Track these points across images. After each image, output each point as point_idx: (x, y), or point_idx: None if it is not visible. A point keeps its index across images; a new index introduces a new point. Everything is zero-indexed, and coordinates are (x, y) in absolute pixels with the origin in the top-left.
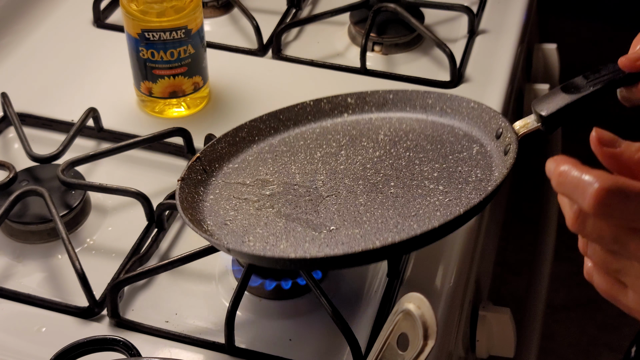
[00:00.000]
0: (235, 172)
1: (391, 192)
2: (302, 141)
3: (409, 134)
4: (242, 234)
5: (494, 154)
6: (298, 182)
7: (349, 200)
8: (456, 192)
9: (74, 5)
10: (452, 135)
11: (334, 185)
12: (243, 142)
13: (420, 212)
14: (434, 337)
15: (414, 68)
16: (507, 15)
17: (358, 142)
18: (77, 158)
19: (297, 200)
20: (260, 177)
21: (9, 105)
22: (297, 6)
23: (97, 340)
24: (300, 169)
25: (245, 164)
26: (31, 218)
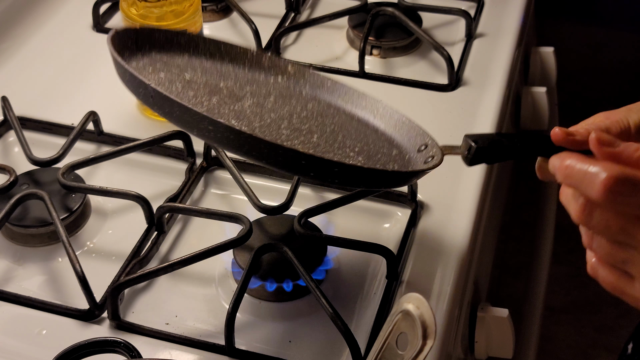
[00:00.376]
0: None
1: (313, 140)
2: (232, 77)
3: (335, 116)
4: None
5: (414, 161)
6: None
7: (272, 127)
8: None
9: (74, 9)
10: (375, 135)
11: (260, 111)
12: (178, 46)
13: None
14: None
15: (412, 71)
16: (504, 18)
17: (287, 101)
18: (78, 161)
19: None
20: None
21: (9, 109)
22: (296, 10)
23: (98, 342)
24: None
25: (173, 61)
26: (31, 221)
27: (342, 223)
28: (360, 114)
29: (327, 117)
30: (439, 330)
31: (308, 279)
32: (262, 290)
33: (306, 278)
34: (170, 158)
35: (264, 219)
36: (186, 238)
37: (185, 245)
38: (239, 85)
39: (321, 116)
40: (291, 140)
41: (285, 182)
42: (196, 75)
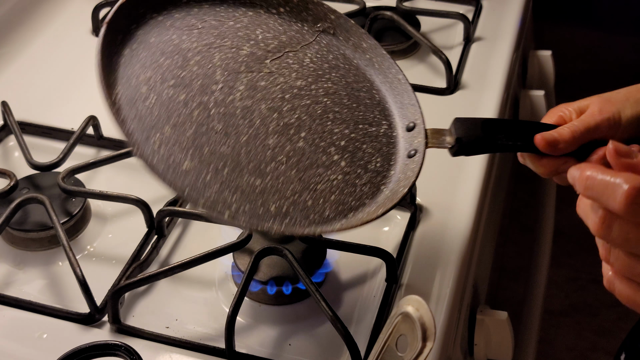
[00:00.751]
0: (158, 28)
1: (299, 146)
2: (232, 21)
3: (332, 70)
4: (150, 127)
5: (399, 147)
6: (217, 80)
7: (259, 136)
8: (354, 176)
9: (73, 14)
10: (369, 97)
11: (251, 106)
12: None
13: (318, 188)
14: (433, 339)
15: (410, 75)
16: (502, 22)
17: (284, 55)
18: (78, 166)
19: (212, 107)
20: (182, 51)
21: (9, 113)
22: None
23: (99, 346)
24: (223, 63)
25: (170, 21)
26: (32, 225)
27: None
28: (357, 60)
29: (322, 79)
30: (439, 332)
31: (308, 282)
32: (262, 294)
33: (306, 281)
34: None
35: None
36: (186, 242)
37: (185, 249)
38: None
39: (316, 82)
40: (276, 161)
41: None
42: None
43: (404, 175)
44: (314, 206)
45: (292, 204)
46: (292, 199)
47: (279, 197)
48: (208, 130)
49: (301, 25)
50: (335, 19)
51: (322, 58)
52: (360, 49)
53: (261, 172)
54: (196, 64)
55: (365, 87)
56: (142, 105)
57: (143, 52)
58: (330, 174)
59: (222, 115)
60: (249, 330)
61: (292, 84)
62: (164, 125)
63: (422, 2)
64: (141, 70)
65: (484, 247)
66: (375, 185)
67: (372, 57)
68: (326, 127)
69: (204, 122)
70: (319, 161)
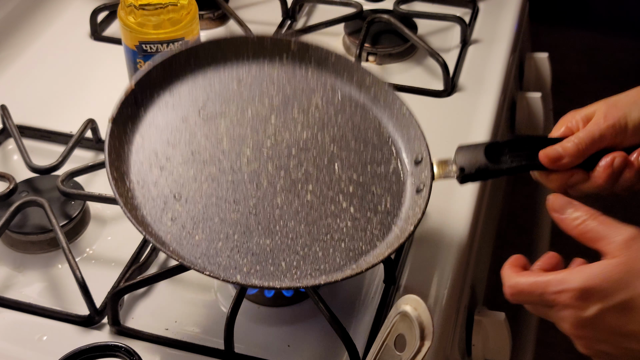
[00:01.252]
0: (165, 109)
1: (307, 200)
2: (235, 83)
3: (338, 114)
4: (162, 206)
5: (408, 183)
6: (224, 150)
7: (267, 197)
8: (364, 221)
9: (71, 18)
10: (376, 135)
11: (258, 168)
12: (180, 67)
13: (327, 238)
14: (431, 338)
15: (407, 77)
16: (499, 25)
17: (290, 108)
18: (77, 169)
19: (220, 177)
20: (189, 127)
21: (8, 117)
22: (292, 17)
23: (99, 347)
24: (229, 130)
25: (177, 99)
26: (31, 228)
27: None
28: (363, 99)
29: (328, 126)
30: (436, 333)
31: None
32: (260, 296)
33: None
34: None
35: None
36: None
37: None
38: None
39: (322, 130)
40: (284, 219)
41: None
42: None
43: (413, 212)
44: (325, 256)
45: (303, 257)
46: (302, 252)
47: (289, 253)
48: (218, 200)
49: (305, 71)
50: (336, 59)
51: (327, 102)
52: (364, 86)
53: (271, 232)
54: (203, 136)
55: (373, 125)
56: (154, 189)
57: (153, 135)
58: (339, 222)
59: (230, 183)
60: (247, 332)
61: (297, 137)
62: (175, 204)
63: (419, 5)
64: (152, 154)
65: (481, 248)
66: (386, 226)
67: (376, 93)
68: (333, 176)
69: (213, 193)
70: (327, 211)
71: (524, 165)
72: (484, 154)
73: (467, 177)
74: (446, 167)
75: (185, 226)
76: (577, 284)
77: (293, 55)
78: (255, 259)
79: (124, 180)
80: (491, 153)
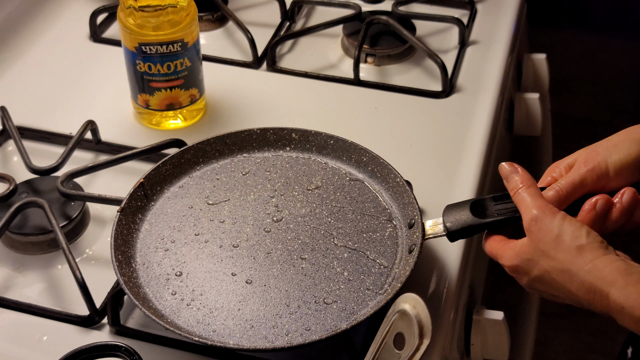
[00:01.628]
0: (173, 199)
1: (302, 267)
2: (242, 172)
3: (337, 191)
4: (164, 282)
5: (401, 245)
6: (226, 229)
7: (264, 267)
8: (357, 282)
9: (71, 20)
10: (373, 206)
11: (256, 244)
12: (188, 163)
13: (320, 301)
14: (429, 336)
15: (406, 78)
16: (497, 26)
17: (290, 190)
18: (76, 170)
19: (220, 253)
20: (195, 213)
21: (8, 119)
22: (291, 19)
23: (100, 347)
24: (232, 212)
25: (185, 190)
26: (31, 229)
27: None
28: (362, 175)
29: (326, 201)
30: (435, 332)
31: None
32: None
33: None
34: None
35: None
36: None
37: None
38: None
39: (320, 206)
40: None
41: None
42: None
43: (403, 270)
44: (316, 318)
45: (295, 320)
46: (294, 316)
47: (281, 317)
48: (216, 274)
49: (307, 157)
50: (335, 142)
51: (327, 182)
52: (362, 164)
53: (265, 299)
54: (207, 219)
55: (370, 197)
56: (158, 268)
57: (161, 222)
58: (332, 286)
59: (229, 258)
60: None
61: (296, 213)
62: (175, 280)
63: (418, 7)
64: (158, 239)
65: (479, 248)
66: (378, 286)
67: (373, 168)
68: (329, 245)
69: (212, 268)
70: (321, 277)
71: (509, 218)
72: (470, 211)
73: (454, 234)
74: (436, 227)
75: (184, 299)
76: (507, 262)
77: (295, 143)
78: (248, 325)
79: (129, 263)
80: (477, 210)
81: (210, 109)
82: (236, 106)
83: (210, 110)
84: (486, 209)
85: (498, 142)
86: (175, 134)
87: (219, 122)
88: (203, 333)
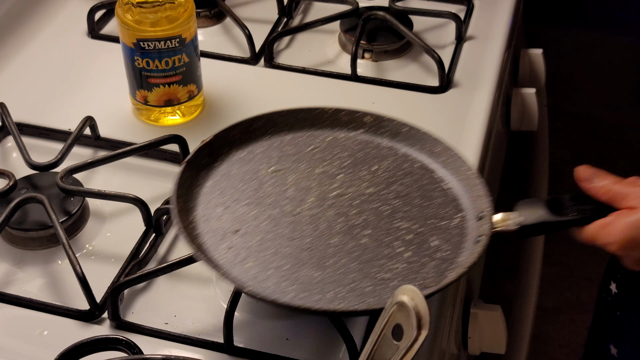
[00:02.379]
0: (239, 163)
1: (362, 242)
2: (311, 146)
3: (406, 176)
4: (220, 236)
5: (469, 235)
6: (289, 197)
7: (323, 237)
8: (417, 265)
9: (69, 16)
10: (442, 195)
11: (318, 213)
12: (257, 131)
13: (378, 277)
14: (427, 327)
15: (403, 74)
16: (493, 21)
17: (357, 169)
18: (75, 166)
19: (280, 218)
20: (259, 177)
21: (7, 115)
22: (288, 15)
23: (100, 340)
24: (296, 182)
25: (252, 156)
26: (31, 225)
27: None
28: (433, 165)
29: (394, 184)
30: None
31: None
32: None
33: None
34: (167, 162)
35: None
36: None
37: (182, 247)
38: (311, 166)
39: (388, 187)
40: (337, 256)
41: None
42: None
43: (467, 259)
44: (372, 292)
45: (350, 290)
46: (350, 286)
47: (336, 286)
48: (274, 236)
49: (378, 141)
50: (409, 130)
51: (396, 166)
52: (434, 154)
53: (321, 266)
54: (270, 185)
55: (439, 187)
56: (216, 223)
57: (224, 182)
58: (393, 263)
59: (289, 224)
60: (246, 326)
61: (362, 192)
62: (232, 236)
63: (415, 2)
64: (219, 196)
65: None
66: (440, 272)
67: (445, 160)
68: (393, 225)
69: (270, 230)
70: (382, 254)
71: (588, 218)
72: (546, 207)
73: (526, 229)
74: (506, 219)
75: (239, 254)
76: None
77: (368, 127)
78: (301, 287)
79: (188, 214)
80: (553, 206)
81: (208, 104)
82: (234, 102)
83: (208, 106)
84: (563, 207)
85: (495, 137)
86: (173, 129)
87: (218, 118)
88: (256, 289)
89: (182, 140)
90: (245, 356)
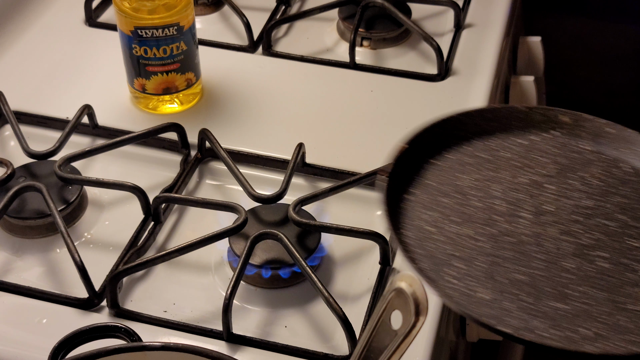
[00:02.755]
0: (436, 173)
1: (600, 266)
2: (506, 152)
3: (622, 185)
4: (442, 262)
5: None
6: (500, 212)
7: (553, 260)
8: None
9: (66, 4)
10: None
11: (539, 232)
12: (447, 136)
13: (629, 308)
14: (425, 313)
15: (402, 62)
16: (492, 9)
17: (565, 177)
18: (73, 154)
19: (498, 237)
20: (460, 189)
21: (5, 103)
22: (287, 3)
23: (99, 328)
24: (504, 194)
25: (446, 165)
26: (29, 213)
27: (335, 211)
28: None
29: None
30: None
31: (304, 265)
32: (257, 277)
33: (302, 264)
34: (165, 150)
35: (259, 208)
36: (182, 228)
37: (181, 235)
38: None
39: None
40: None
41: (278, 172)
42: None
43: None
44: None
45: (607, 326)
46: (604, 320)
47: (586, 320)
48: (499, 260)
49: (578, 143)
50: (616, 132)
51: (607, 173)
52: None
53: (563, 296)
54: (476, 198)
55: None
56: (430, 244)
57: (424, 195)
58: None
59: (510, 244)
60: (245, 314)
61: (579, 204)
62: (454, 261)
63: None
64: (424, 212)
65: None
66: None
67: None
68: (624, 244)
69: (492, 253)
70: (625, 279)
71: None
72: None
73: None
74: None
75: (467, 284)
76: None
77: (565, 127)
78: (550, 323)
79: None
80: None
81: (206, 92)
82: (232, 90)
83: (206, 94)
84: None
85: None
86: (172, 117)
87: (216, 106)
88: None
89: (181, 129)
90: (243, 344)
